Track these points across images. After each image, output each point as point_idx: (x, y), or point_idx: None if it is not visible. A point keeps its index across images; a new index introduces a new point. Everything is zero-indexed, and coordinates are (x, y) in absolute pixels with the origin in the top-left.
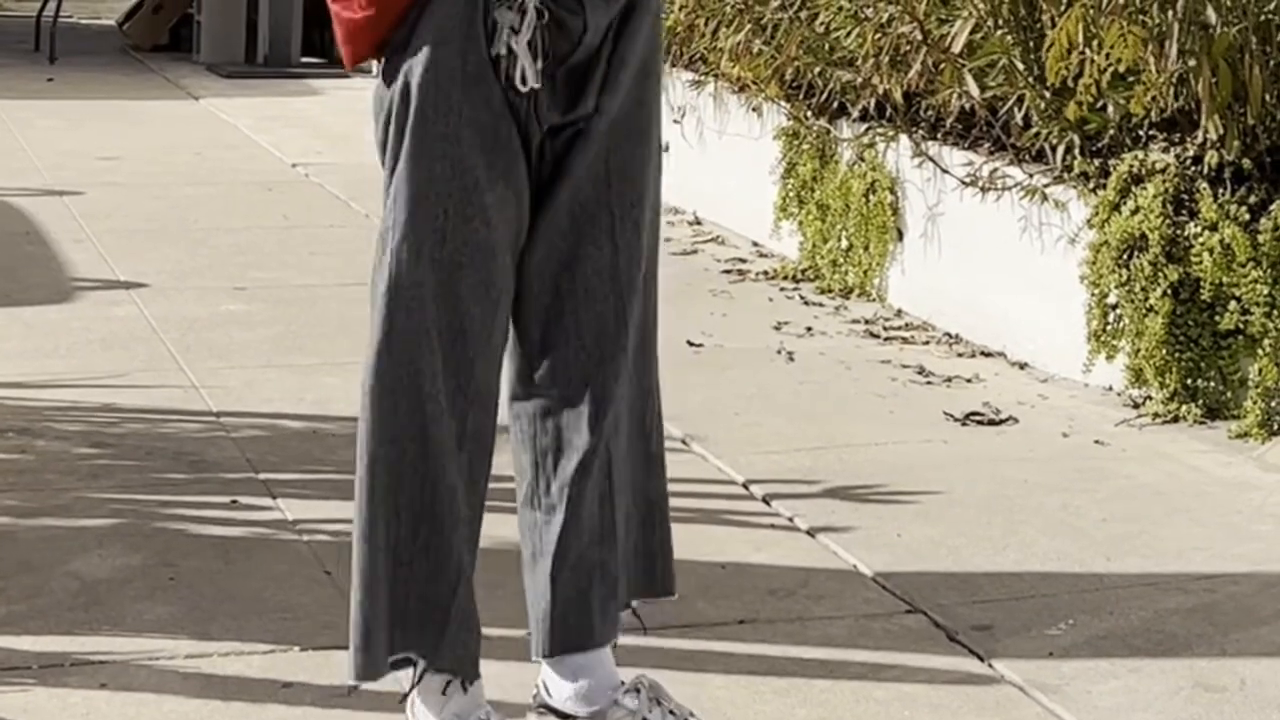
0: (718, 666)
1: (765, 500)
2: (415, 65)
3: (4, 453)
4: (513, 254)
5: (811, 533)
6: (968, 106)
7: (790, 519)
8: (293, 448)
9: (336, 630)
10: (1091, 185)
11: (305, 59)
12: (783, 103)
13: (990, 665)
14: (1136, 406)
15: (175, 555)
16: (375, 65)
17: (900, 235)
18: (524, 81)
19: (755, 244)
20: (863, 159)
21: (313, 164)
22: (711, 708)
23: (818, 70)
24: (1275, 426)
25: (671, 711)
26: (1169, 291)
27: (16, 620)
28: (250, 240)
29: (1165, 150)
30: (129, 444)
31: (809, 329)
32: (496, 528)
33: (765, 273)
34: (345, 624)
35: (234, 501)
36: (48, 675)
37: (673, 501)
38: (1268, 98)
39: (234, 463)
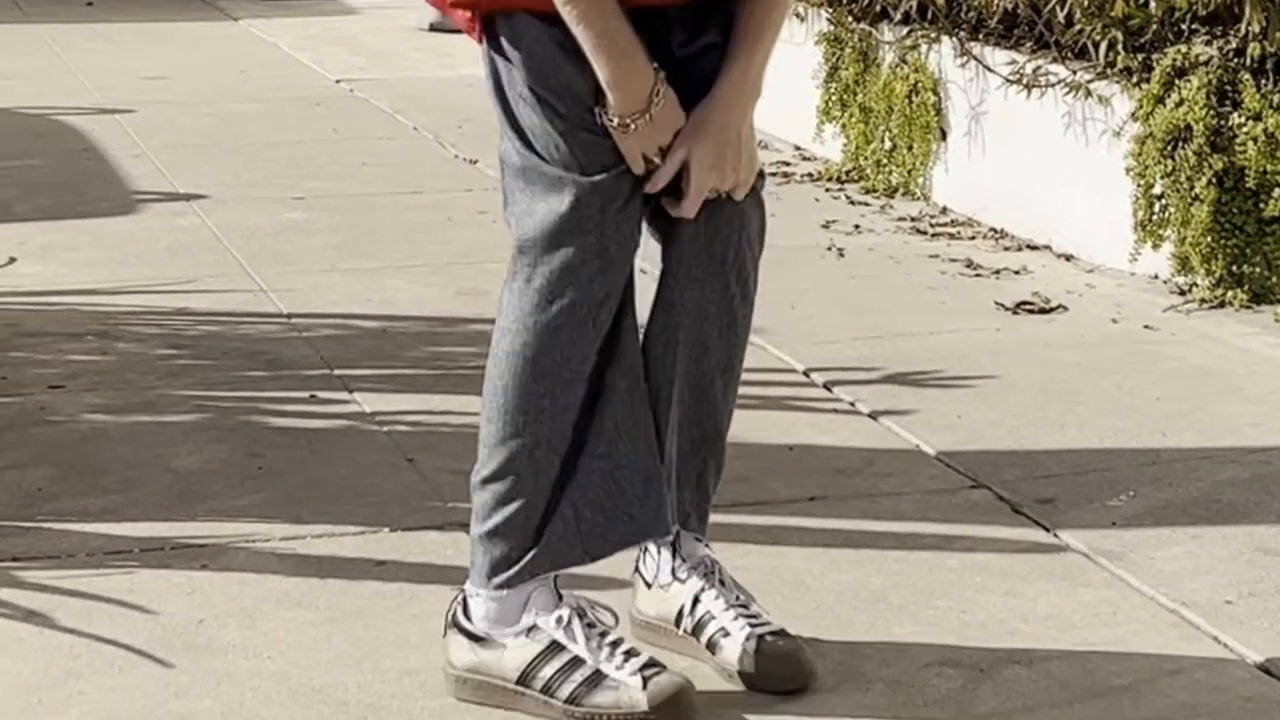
0: (794, 540)
1: (827, 387)
2: None
3: (85, 354)
4: None
5: (874, 416)
6: (1010, 6)
7: (852, 404)
8: (364, 346)
9: (423, 513)
10: (1135, 80)
11: None
12: (825, 8)
13: (1056, 535)
14: (1183, 293)
15: (261, 446)
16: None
17: (944, 135)
18: None
19: (798, 148)
20: (905, 61)
21: (356, 80)
22: (791, 578)
23: None
24: None
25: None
26: (1214, 180)
27: (115, 509)
28: (303, 153)
29: (1208, 43)
30: (205, 345)
31: (856, 227)
32: None
33: (810, 175)
34: (430, 507)
35: (313, 396)
36: (150, 558)
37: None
38: None
39: (308, 360)
